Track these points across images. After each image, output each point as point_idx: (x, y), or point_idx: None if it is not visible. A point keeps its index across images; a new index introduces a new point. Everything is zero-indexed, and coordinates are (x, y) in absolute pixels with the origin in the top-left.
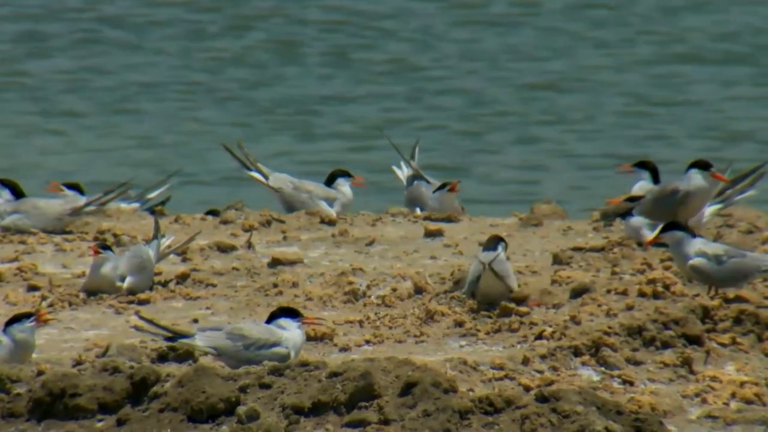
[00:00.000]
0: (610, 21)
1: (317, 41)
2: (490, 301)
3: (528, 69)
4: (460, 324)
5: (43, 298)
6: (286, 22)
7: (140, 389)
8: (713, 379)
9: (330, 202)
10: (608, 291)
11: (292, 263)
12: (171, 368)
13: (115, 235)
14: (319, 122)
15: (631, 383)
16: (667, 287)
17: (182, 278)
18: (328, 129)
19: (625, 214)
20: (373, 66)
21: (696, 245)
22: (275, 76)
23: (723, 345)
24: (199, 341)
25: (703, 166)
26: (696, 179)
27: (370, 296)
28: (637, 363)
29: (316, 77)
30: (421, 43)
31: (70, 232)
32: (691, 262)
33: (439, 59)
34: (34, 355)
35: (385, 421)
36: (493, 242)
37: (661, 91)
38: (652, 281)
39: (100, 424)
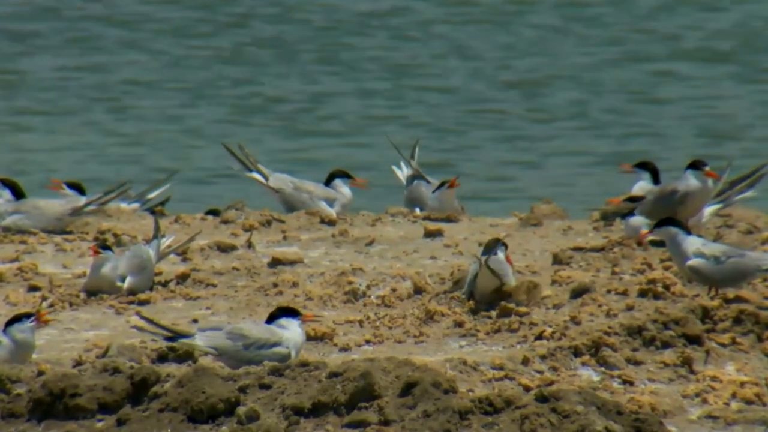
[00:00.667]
0: (599, 18)
1: (305, 39)
2: (488, 300)
3: (517, 66)
4: (459, 324)
5: (44, 298)
6: (274, 20)
7: (140, 389)
8: (713, 379)
9: (330, 202)
10: (608, 291)
11: (292, 263)
12: (171, 368)
13: (115, 235)
14: (307, 119)
15: (631, 383)
16: (667, 287)
17: (182, 278)
18: (316, 126)
19: (626, 214)
20: (360, 63)
21: (694, 245)
22: (263, 73)
23: (723, 345)
24: (199, 341)
25: (699, 165)
26: (691, 180)
27: (369, 296)
28: (637, 363)
29: (304, 75)
30: (409, 40)
31: (70, 232)
32: (689, 263)
33: (427, 56)
34: (34, 356)
35: (386, 422)
36: (493, 245)
37: (651, 88)
38: (652, 281)
39: (100, 425)
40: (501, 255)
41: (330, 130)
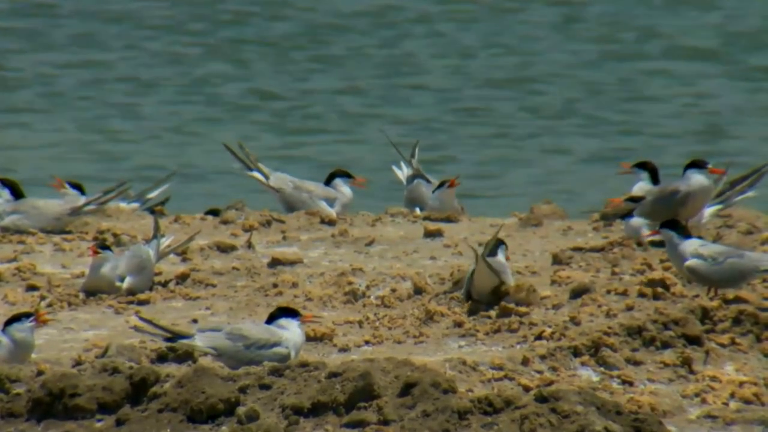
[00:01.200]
0: (591, 16)
1: (295, 36)
2: (486, 299)
3: (508, 63)
4: (459, 324)
5: (42, 298)
6: (264, 18)
7: (140, 389)
8: (713, 379)
9: (330, 202)
10: (608, 291)
11: (292, 263)
12: (170, 369)
13: (114, 235)
14: (297, 117)
15: (631, 383)
16: (666, 288)
17: (182, 278)
18: (305, 124)
19: (625, 214)
20: (351, 60)
21: (692, 246)
22: (249, 71)
23: (722, 345)
24: (199, 342)
25: (699, 165)
26: (695, 178)
27: (369, 296)
28: (636, 363)
29: (294, 72)
30: (399, 38)
31: (69, 232)
32: (687, 263)
33: (414, 54)
34: (33, 355)
35: (385, 422)
36: (493, 245)
37: (642, 86)
38: (651, 282)
39: (99, 424)
40: (501, 256)
41: (319, 128)
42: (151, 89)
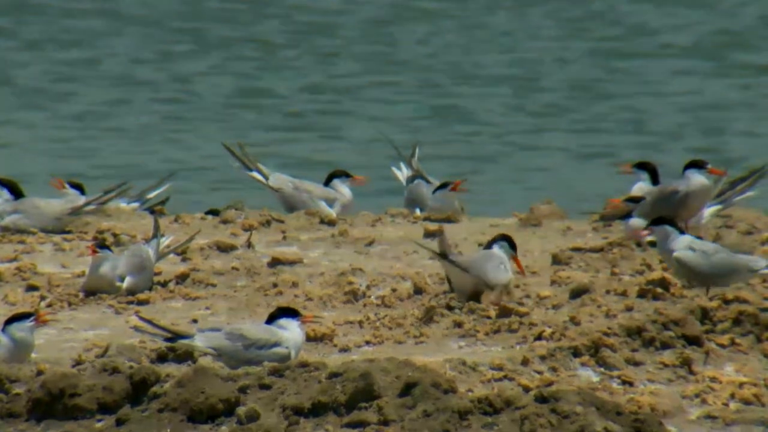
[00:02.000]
0: (580, 14)
1: (282, 33)
2: (467, 295)
3: (495, 61)
4: (459, 324)
5: (42, 297)
6: (252, 15)
7: (140, 389)
8: (712, 379)
9: (329, 203)
10: (608, 292)
11: (291, 263)
12: (170, 369)
13: (114, 235)
14: (283, 114)
15: (631, 384)
16: (666, 288)
17: (182, 278)
18: (292, 121)
19: (625, 215)
20: (339, 57)
21: (684, 242)
22: (240, 68)
23: (722, 346)
24: (199, 342)
25: (699, 165)
26: (695, 179)
27: (369, 296)
28: (636, 363)
29: (281, 69)
30: (386, 35)
31: (69, 232)
32: (676, 254)
33: (404, 51)
34: (33, 355)
35: (385, 422)
36: (490, 242)
37: (632, 84)
38: (651, 282)
39: (99, 424)
40: (497, 249)
41: (305, 125)
42: (139, 87)
